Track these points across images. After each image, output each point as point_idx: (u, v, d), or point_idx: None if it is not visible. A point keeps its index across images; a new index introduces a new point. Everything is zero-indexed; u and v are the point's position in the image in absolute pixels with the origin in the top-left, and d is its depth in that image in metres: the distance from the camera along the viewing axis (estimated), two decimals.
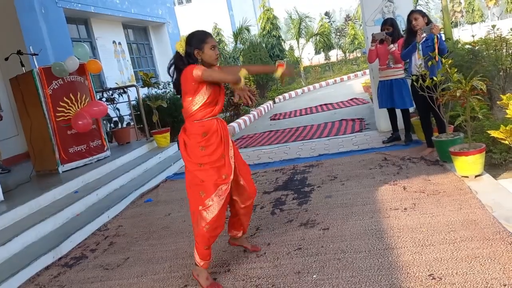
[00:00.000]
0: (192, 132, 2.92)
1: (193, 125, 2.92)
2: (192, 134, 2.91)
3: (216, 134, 2.93)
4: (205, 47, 2.89)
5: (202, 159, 2.88)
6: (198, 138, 2.89)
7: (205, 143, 2.89)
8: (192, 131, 2.92)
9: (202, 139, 2.89)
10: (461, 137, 4.40)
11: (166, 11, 14.26)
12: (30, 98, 5.79)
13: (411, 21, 4.85)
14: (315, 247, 3.19)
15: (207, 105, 2.90)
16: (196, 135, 2.90)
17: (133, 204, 5.19)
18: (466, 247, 2.77)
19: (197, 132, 2.89)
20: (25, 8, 7.84)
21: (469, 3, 45.95)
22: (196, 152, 2.90)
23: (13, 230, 4.05)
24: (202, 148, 2.89)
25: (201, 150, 2.89)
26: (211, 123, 2.93)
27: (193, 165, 2.91)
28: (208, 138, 2.90)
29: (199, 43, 2.89)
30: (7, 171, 6.64)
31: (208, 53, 2.90)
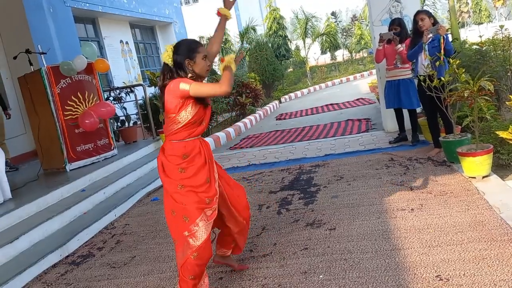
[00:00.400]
0: (171, 153, 2.63)
1: (173, 145, 2.63)
2: (171, 155, 2.62)
3: (199, 156, 2.65)
4: (197, 56, 2.61)
5: (183, 181, 2.59)
6: (178, 159, 2.61)
7: (186, 165, 2.60)
8: (171, 152, 2.63)
9: (182, 161, 2.60)
10: (469, 138, 4.38)
11: (173, 10, 14.32)
12: (38, 97, 5.84)
13: (417, 21, 4.83)
14: (321, 247, 3.19)
15: (191, 124, 2.61)
16: (176, 157, 2.61)
17: (139, 202, 5.22)
18: (473, 248, 2.76)
19: (177, 153, 2.61)
20: (34, 7, 7.90)
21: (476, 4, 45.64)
22: (175, 174, 2.60)
23: (21, 228, 4.09)
24: (182, 170, 2.60)
25: (180, 172, 2.60)
26: (193, 143, 2.65)
27: (172, 187, 2.60)
28: (190, 160, 2.61)
29: (191, 52, 2.60)
30: (15, 169, 6.69)
31: (201, 63, 2.62)
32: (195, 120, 2.63)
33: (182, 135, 2.62)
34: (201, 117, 2.67)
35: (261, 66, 15.94)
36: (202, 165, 2.65)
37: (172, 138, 2.64)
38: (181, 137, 2.62)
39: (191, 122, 2.61)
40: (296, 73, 22.46)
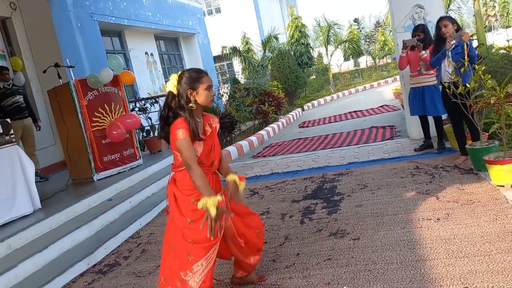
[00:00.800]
0: (183, 183, 2.57)
1: (185, 176, 2.53)
2: (183, 185, 2.58)
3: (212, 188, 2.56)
4: (199, 87, 2.56)
5: (193, 213, 2.52)
6: (190, 190, 2.55)
7: (197, 196, 2.50)
8: (183, 181, 2.57)
9: (194, 191, 2.53)
10: (496, 145, 4.28)
11: (196, 22, 14.55)
12: (66, 109, 6.02)
13: (441, 27, 4.77)
14: (345, 257, 3.16)
15: (201, 164, 2.55)
16: (188, 188, 2.55)
17: (164, 211, 5.27)
18: (502, 259, 2.69)
19: (190, 184, 2.51)
20: (62, 22, 8.17)
21: (504, 7, 44.58)
22: (187, 205, 2.55)
23: (50, 237, 4.20)
24: (194, 200, 2.52)
25: (192, 203, 2.53)
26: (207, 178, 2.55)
27: (182, 221, 2.54)
28: None
29: (193, 82, 2.55)
30: (45, 179, 6.89)
31: (203, 94, 2.56)
32: (203, 160, 2.58)
33: None
34: (209, 159, 2.63)
35: (283, 74, 16.00)
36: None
37: (184, 171, 2.55)
38: None
39: (200, 161, 2.54)
40: (319, 80, 22.42)
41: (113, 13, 9.83)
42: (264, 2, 24.53)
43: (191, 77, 2.57)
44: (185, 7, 13.94)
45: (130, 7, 10.55)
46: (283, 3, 28.72)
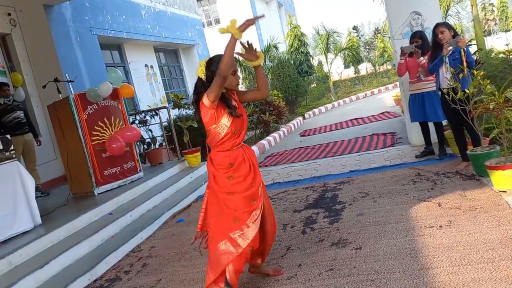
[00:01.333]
0: (218, 162, 2.89)
1: (218, 155, 2.89)
2: (218, 164, 2.89)
3: (244, 164, 2.90)
4: None
5: (231, 187, 2.86)
6: (225, 169, 2.87)
7: (233, 173, 2.86)
8: (218, 161, 2.89)
9: (228, 170, 2.86)
10: (497, 150, 4.25)
11: (195, 33, 14.63)
12: (66, 123, 6.03)
13: (437, 34, 4.77)
14: (347, 267, 3.13)
15: (232, 134, 2.86)
16: (223, 166, 2.87)
17: (165, 224, 5.26)
18: (505, 266, 2.65)
19: (224, 163, 2.87)
20: (62, 37, 8.22)
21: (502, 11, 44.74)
22: (225, 182, 2.87)
23: (51, 252, 4.18)
24: (230, 177, 2.87)
25: (228, 179, 2.87)
26: (237, 152, 2.91)
27: (222, 194, 2.88)
28: (236, 168, 2.87)
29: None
30: (46, 194, 6.88)
31: (230, 78, 2.81)
32: (234, 129, 2.86)
33: (226, 146, 2.87)
34: (239, 128, 2.90)
35: (284, 83, 16.03)
36: (248, 172, 2.90)
37: (218, 149, 2.89)
38: (226, 148, 2.88)
39: (231, 132, 2.85)
40: (319, 88, 22.44)
41: (112, 27, 9.89)
42: (262, 12, 24.67)
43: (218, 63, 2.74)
44: (184, 19, 14.02)
45: (129, 20, 10.62)
46: (282, 12, 28.89)
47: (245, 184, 2.87)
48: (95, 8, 9.38)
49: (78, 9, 8.83)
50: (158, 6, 12.37)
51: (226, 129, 2.83)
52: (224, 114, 2.82)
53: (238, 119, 2.88)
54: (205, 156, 8.64)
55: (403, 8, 6.35)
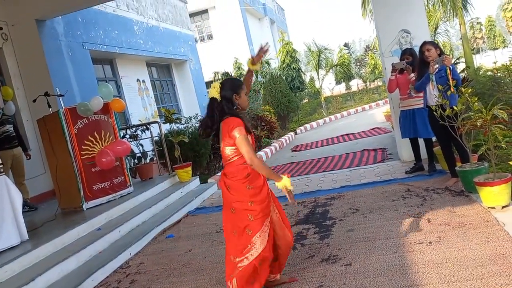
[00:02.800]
0: (234, 174, 3.01)
1: (235, 168, 3.01)
2: (235, 176, 3.00)
3: (258, 175, 3.03)
4: (241, 92, 3.05)
5: (252, 197, 2.97)
6: (243, 179, 2.98)
7: (250, 183, 2.98)
8: (234, 173, 3.01)
9: (246, 179, 2.98)
10: (486, 167, 4.29)
11: (188, 48, 14.70)
12: (56, 138, 5.97)
13: (424, 52, 4.85)
14: (337, 284, 3.11)
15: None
16: (241, 177, 2.98)
17: (154, 240, 5.21)
18: (494, 283, 2.66)
19: (242, 174, 2.98)
20: (53, 51, 8.21)
21: (490, 29, 45.63)
22: (244, 191, 2.98)
23: (37, 268, 4.10)
24: (249, 187, 2.98)
25: (248, 189, 2.97)
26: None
27: (242, 204, 2.98)
28: (253, 178, 2.99)
29: (237, 88, 3.04)
30: (34, 209, 6.78)
31: (244, 98, 3.07)
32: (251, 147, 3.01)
33: (243, 159, 2.97)
34: (253, 144, 3.06)
35: (275, 99, 16.11)
36: (264, 183, 3.06)
37: (235, 164, 3.01)
38: (243, 161, 2.98)
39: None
40: (311, 104, 22.59)
41: (105, 41, 9.91)
42: (255, 28, 24.93)
43: (235, 83, 3.09)
44: (177, 35, 14.11)
45: (121, 35, 10.65)
46: (274, 29, 29.20)
47: (263, 193, 3.01)
48: (87, 23, 9.41)
49: (70, 24, 8.85)
50: (151, 21, 12.44)
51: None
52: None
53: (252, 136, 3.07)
54: (196, 171, 8.63)
55: (392, 26, 6.46)
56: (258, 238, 2.95)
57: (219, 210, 3.36)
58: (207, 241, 4.77)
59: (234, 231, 3.01)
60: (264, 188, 3.05)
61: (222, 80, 3.10)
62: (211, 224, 5.41)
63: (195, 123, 9.40)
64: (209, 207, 6.49)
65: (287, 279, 3.36)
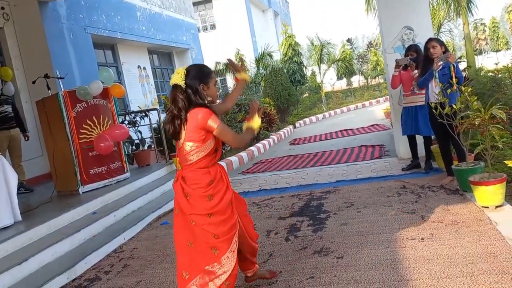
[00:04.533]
0: (195, 181, 2.61)
1: (197, 173, 2.62)
2: (196, 184, 2.61)
3: (221, 181, 2.68)
4: (210, 82, 2.69)
5: (211, 209, 2.59)
6: (205, 187, 2.60)
7: (213, 191, 2.61)
8: (196, 180, 2.61)
9: (209, 188, 2.60)
10: (482, 166, 4.30)
11: (190, 37, 14.64)
12: (54, 120, 5.97)
13: (429, 49, 4.84)
14: (328, 276, 3.13)
15: (214, 152, 2.68)
16: (202, 185, 2.60)
17: (149, 226, 5.23)
18: (484, 281, 2.68)
19: (203, 181, 2.61)
20: (55, 34, 8.18)
21: (494, 31, 45.51)
22: (203, 204, 2.59)
23: (30, 249, 4.12)
24: (210, 197, 2.60)
25: (209, 200, 2.60)
26: (215, 169, 2.69)
27: (201, 217, 2.58)
28: (215, 185, 2.63)
29: (206, 77, 2.68)
30: (30, 190, 6.79)
31: (213, 89, 2.71)
32: (216, 148, 2.69)
33: (205, 162, 2.63)
34: (218, 145, 2.73)
35: (276, 91, 16.08)
36: (226, 189, 2.70)
37: (196, 166, 2.62)
38: (205, 164, 2.63)
39: (213, 150, 2.66)
40: (311, 98, 22.56)
41: (107, 26, 9.87)
42: (259, 20, 24.82)
43: (204, 72, 2.71)
44: (180, 23, 14.04)
45: (124, 20, 10.60)
46: (277, 21, 29.07)
47: (224, 203, 2.63)
48: (90, 7, 9.36)
49: (73, 7, 8.80)
50: (154, 8, 12.38)
51: (211, 146, 2.64)
52: (211, 136, 2.62)
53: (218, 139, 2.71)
54: None
55: (395, 22, 6.44)
56: (227, 260, 2.60)
57: None
58: None
59: (190, 243, 2.63)
60: (227, 193, 2.68)
61: (188, 67, 2.71)
62: None
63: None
64: None
65: (267, 274, 3.18)
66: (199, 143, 2.58)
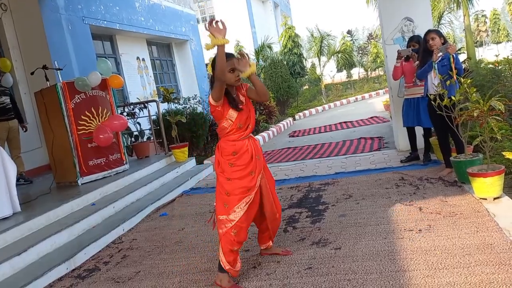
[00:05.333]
0: (224, 150, 3.12)
1: (225, 143, 3.12)
2: (224, 151, 3.11)
3: (246, 154, 3.10)
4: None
5: (231, 174, 3.07)
6: (229, 156, 3.09)
7: (234, 161, 3.08)
8: (224, 149, 3.12)
9: (232, 157, 3.09)
10: (480, 158, 4.31)
11: (189, 28, 14.55)
12: (53, 112, 5.96)
13: (428, 40, 4.82)
14: (325, 266, 3.15)
15: (238, 129, 3.08)
16: (227, 153, 3.10)
17: (148, 217, 5.24)
18: (480, 271, 2.69)
19: (228, 150, 3.10)
20: (53, 24, 8.13)
21: (495, 23, 45.30)
22: (226, 168, 3.09)
23: (30, 240, 4.13)
24: (231, 164, 3.08)
25: (230, 166, 3.08)
26: (242, 143, 3.11)
27: (223, 178, 3.11)
28: (238, 157, 3.08)
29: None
30: (29, 182, 6.80)
31: (228, 75, 3.00)
32: (239, 125, 3.08)
33: (233, 137, 3.10)
34: (245, 122, 3.11)
35: (275, 83, 16.04)
36: (249, 161, 3.09)
37: (225, 139, 3.13)
38: (232, 139, 3.10)
39: (236, 126, 3.07)
40: (311, 91, 22.51)
41: (105, 17, 9.81)
42: (258, 11, 24.67)
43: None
44: (179, 13, 13.96)
45: (122, 11, 10.53)
46: (277, 12, 28.91)
47: (244, 171, 3.07)
48: None
49: None
50: None
51: (231, 123, 3.06)
52: (229, 110, 3.04)
53: (243, 114, 3.09)
54: (193, 151, 8.65)
55: (395, 13, 6.41)
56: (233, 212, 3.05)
57: (213, 191, 3.40)
58: (200, 221, 4.80)
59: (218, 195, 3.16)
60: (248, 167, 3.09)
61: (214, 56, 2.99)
62: (205, 204, 5.45)
63: (193, 104, 9.37)
64: (204, 187, 6.52)
65: (280, 251, 3.48)
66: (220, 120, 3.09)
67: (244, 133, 3.13)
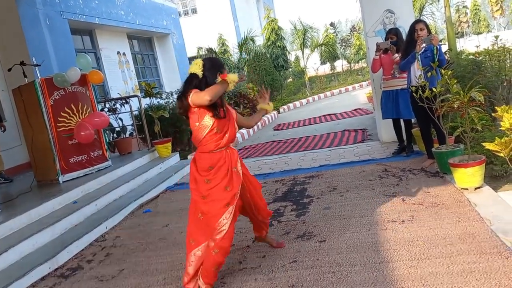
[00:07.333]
0: (199, 164, 2.95)
1: (201, 157, 2.94)
2: (200, 165, 2.94)
3: (224, 167, 2.92)
4: (224, 71, 2.96)
5: (206, 192, 2.90)
6: (205, 172, 2.91)
7: (211, 177, 2.90)
8: (200, 163, 2.94)
9: (208, 173, 2.90)
10: (461, 149, 4.36)
11: (171, 22, 14.40)
12: (32, 109, 5.83)
13: (417, 30, 4.81)
14: (310, 259, 3.16)
15: (214, 134, 2.88)
16: (203, 168, 2.92)
17: (132, 214, 5.18)
18: (462, 261, 2.73)
19: (204, 165, 2.91)
20: (30, 19, 7.95)
21: (475, 14, 45.88)
22: (202, 185, 2.92)
23: (11, 240, 4.05)
24: (208, 181, 2.90)
25: (206, 183, 2.90)
26: (219, 155, 2.92)
27: (197, 196, 2.96)
28: (215, 171, 2.89)
29: (220, 68, 2.96)
30: (9, 180, 6.67)
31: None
32: (217, 129, 2.87)
33: (209, 147, 2.90)
34: (223, 128, 2.91)
35: (259, 77, 15.99)
36: (224, 175, 2.90)
37: (201, 150, 2.94)
38: (208, 149, 2.91)
39: (213, 131, 2.85)
40: (295, 83, 22.51)
41: (84, 11, 9.63)
42: (241, 4, 24.51)
43: (217, 64, 2.99)
44: (159, 7, 13.79)
45: (101, 5, 10.35)
46: (260, 5, 28.78)
47: (219, 188, 2.88)
48: None
49: None
50: None
51: (210, 126, 2.85)
52: (206, 113, 2.85)
53: (222, 120, 2.91)
54: (176, 146, 8.57)
55: (377, 5, 6.42)
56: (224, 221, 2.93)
57: None
58: (184, 217, 4.74)
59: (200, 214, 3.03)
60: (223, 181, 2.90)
61: (203, 59, 2.97)
62: (189, 200, 5.38)
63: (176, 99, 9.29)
64: (188, 183, 6.46)
65: (274, 243, 3.47)
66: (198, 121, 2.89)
67: (221, 142, 2.91)
